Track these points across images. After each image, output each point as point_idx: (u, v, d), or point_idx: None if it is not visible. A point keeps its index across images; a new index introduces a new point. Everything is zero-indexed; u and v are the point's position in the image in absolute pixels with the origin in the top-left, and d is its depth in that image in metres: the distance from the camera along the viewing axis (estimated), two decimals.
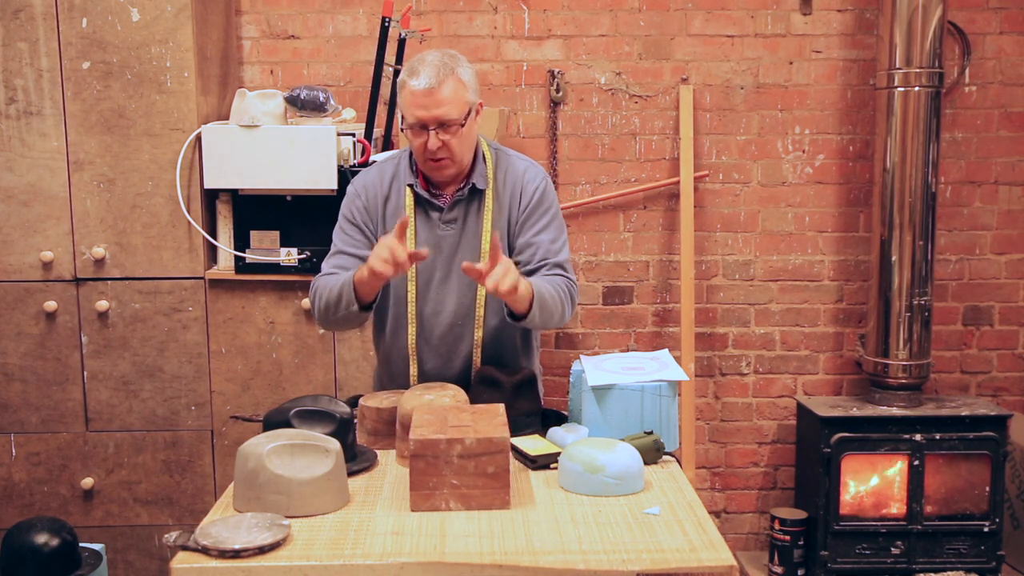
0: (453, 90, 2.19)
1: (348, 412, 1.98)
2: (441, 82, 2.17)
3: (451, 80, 2.19)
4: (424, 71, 2.18)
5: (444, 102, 2.18)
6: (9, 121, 3.00)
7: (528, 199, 2.34)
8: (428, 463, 1.76)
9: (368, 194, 2.37)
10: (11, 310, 3.07)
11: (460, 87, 2.20)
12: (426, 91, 2.17)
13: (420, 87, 2.17)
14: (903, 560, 3.29)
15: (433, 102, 2.17)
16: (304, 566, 1.55)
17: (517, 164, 2.39)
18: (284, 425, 1.92)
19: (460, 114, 2.21)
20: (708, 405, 3.66)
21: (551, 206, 2.37)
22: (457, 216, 2.32)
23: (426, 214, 2.33)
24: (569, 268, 2.34)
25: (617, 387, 2.14)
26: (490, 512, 1.76)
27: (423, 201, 2.33)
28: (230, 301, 3.09)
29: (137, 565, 3.16)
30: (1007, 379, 3.67)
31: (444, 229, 2.32)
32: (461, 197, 2.32)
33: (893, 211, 3.29)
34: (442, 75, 2.18)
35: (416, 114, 2.19)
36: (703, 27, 3.49)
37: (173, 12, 2.96)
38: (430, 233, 2.32)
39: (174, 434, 3.13)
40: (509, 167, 2.37)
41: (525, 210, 2.34)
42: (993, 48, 3.51)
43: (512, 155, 2.42)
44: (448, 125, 2.19)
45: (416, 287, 2.33)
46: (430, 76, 2.17)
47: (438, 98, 2.17)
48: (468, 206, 2.33)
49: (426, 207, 2.33)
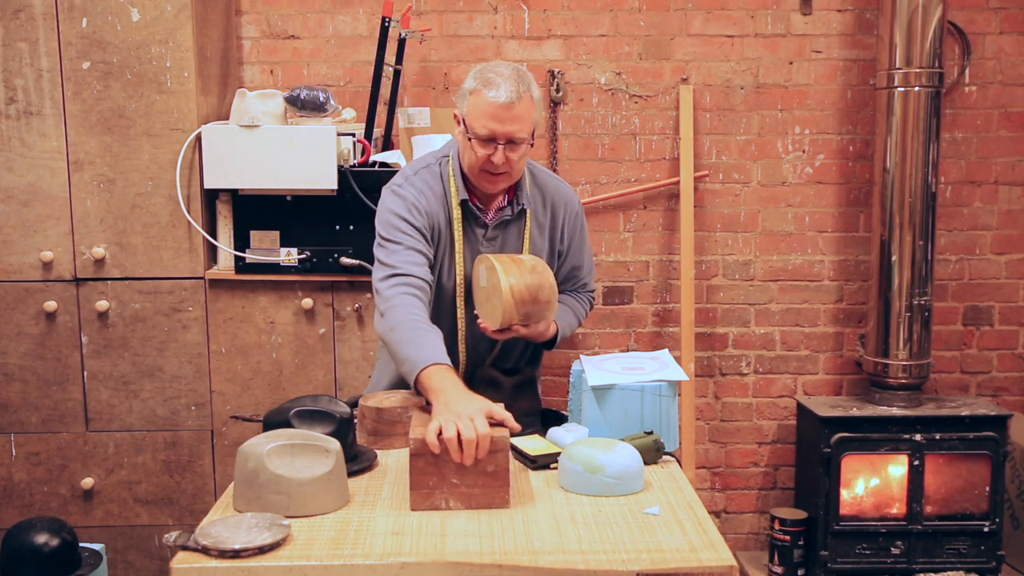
0: (527, 108, 2.16)
1: (348, 412, 1.98)
2: (520, 98, 2.14)
3: (527, 97, 2.16)
4: (504, 85, 2.13)
5: (519, 119, 2.15)
6: (9, 121, 3.00)
7: (572, 227, 2.42)
8: (428, 462, 1.76)
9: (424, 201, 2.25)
10: (11, 310, 3.07)
11: (533, 106, 2.19)
12: (506, 105, 2.13)
13: (500, 100, 2.13)
14: (903, 560, 3.29)
15: (510, 117, 2.14)
16: (304, 566, 1.55)
17: (550, 184, 2.41)
18: (284, 425, 1.92)
19: (529, 132, 2.19)
20: (708, 405, 3.66)
21: (586, 224, 2.49)
22: (499, 234, 2.32)
23: (472, 230, 2.30)
24: (593, 282, 2.56)
25: (617, 387, 2.14)
26: (490, 512, 1.76)
27: (469, 217, 2.30)
28: (230, 301, 3.09)
29: (137, 565, 3.16)
30: (1007, 379, 3.67)
31: (487, 246, 2.31)
32: (508, 217, 2.31)
33: (893, 211, 3.29)
34: (521, 91, 2.15)
35: (490, 127, 2.14)
36: (703, 27, 3.49)
37: (173, 12, 2.96)
38: (473, 247, 2.30)
39: (174, 434, 3.13)
40: (544, 186, 2.39)
41: (571, 238, 2.43)
42: (993, 48, 3.51)
43: (546, 174, 2.44)
44: (518, 142, 2.17)
45: (464, 301, 2.31)
46: (510, 91, 2.13)
47: (515, 114, 2.14)
48: (509, 224, 2.32)
49: (472, 223, 2.30)
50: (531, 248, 2.33)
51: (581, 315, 2.51)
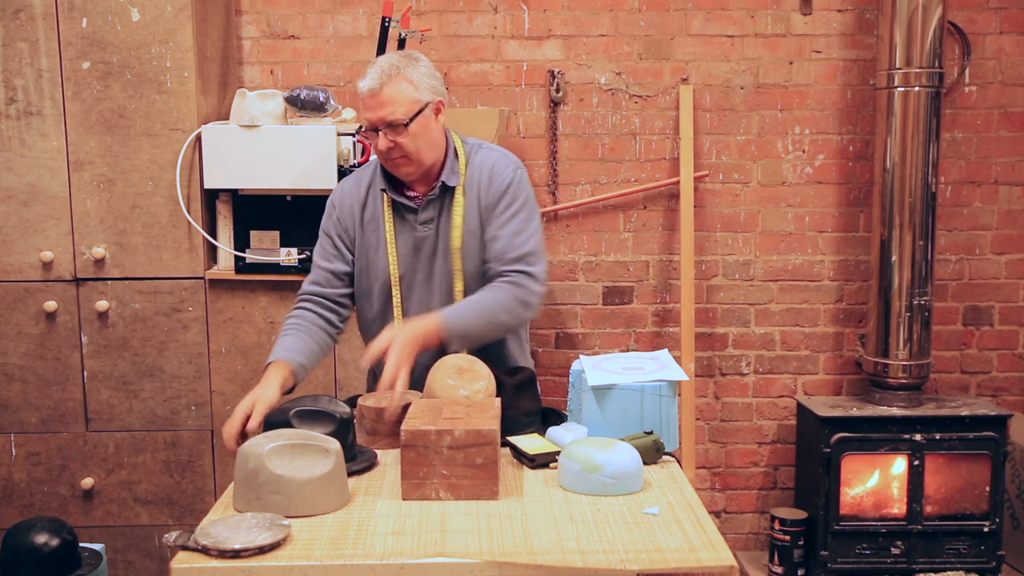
0: (398, 90, 2.20)
1: (348, 412, 1.98)
2: (383, 84, 2.20)
3: (396, 80, 2.20)
4: (371, 73, 2.22)
5: (388, 102, 2.20)
6: (9, 121, 3.00)
7: (496, 192, 2.31)
8: (419, 453, 1.80)
9: (343, 205, 2.39)
10: (11, 310, 3.07)
11: (406, 87, 2.21)
12: (370, 93, 2.21)
13: (364, 89, 2.22)
14: (903, 560, 3.29)
15: (377, 103, 2.20)
16: (304, 566, 1.55)
17: (488, 156, 2.36)
18: (284, 425, 1.92)
19: (406, 114, 2.21)
20: (708, 405, 3.66)
21: (518, 196, 2.32)
22: (432, 216, 2.32)
23: (403, 217, 2.33)
24: (535, 260, 2.29)
25: (617, 387, 2.14)
26: (489, 511, 1.77)
27: (398, 205, 2.33)
28: (230, 301, 3.09)
29: (137, 565, 3.16)
30: (1007, 379, 3.67)
31: (421, 230, 2.32)
32: (433, 196, 2.31)
33: (893, 211, 3.30)
34: (385, 76, 2.20)
35: (365, 116, 2.24)
36: (703, 27, 3.49)
37: (173, 12, 2.96)
38: (409, 235, 2.32)
39: (174, 434, 3.13)
40: (482, 161, 2.35)
41: (492, 202, 2.31)
42: (993, 48, 3.51)
43: (486, 148, 2.39)
44: (394, 125, 2.20)
45: (400, 291, 2.33)
46: (373, 78, 2.21)
47: (381, 99, 2.20)
48: (442, 204, 2.32)
49: (402, 210, 2.33)
50: (464, 224, 2.30)
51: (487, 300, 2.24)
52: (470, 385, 2.11)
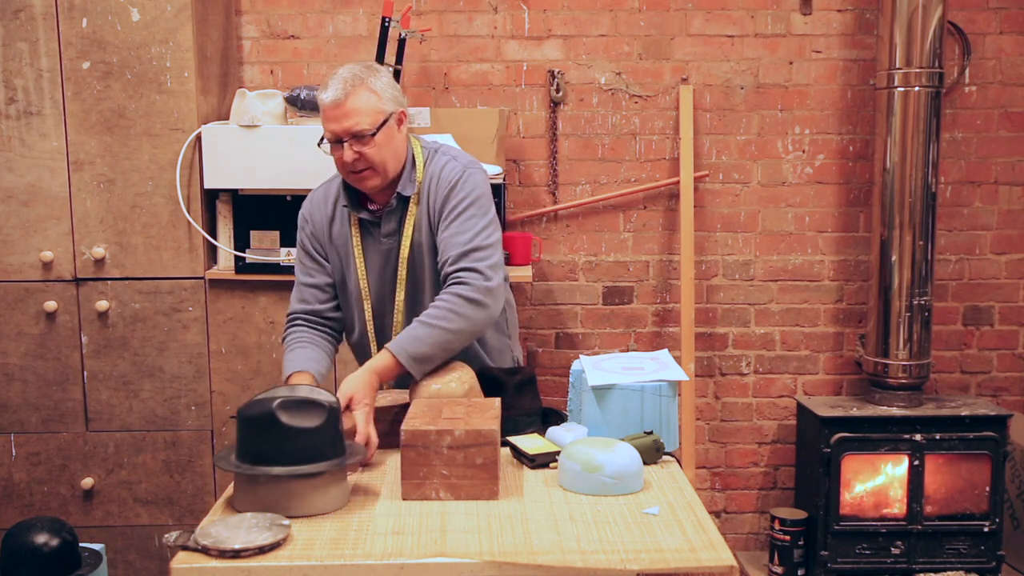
0: (362, 101, 2.16)
1: (335, 400, 1.89)
2: (348, 94, 2.15)
3: (360, 91, 2.16)
4: (332, 84, 2.16)
5: (352, 113, 2.15)
6: (9, 121, 3.00)
7: (442, 194, 2.25)
8: (419, 453, 1.80)
9: (314, 219, 2.36)
10: (11, 310, 3.07)
11: (370, 97, 2.17)
12: (333, 103, 2.16)
13: (327, 100, 2.16)
14: (903, 560, 3.29)
15: (341, 114, 2.15)
16: (304, 566, 1.55)
17: (439, 162, 2.30)
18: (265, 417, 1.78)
19: (372, 124, 2.17)
20: (708, 405, 3.66)
21: (467, 196, 2.24)
22: (394, 228, 2.28)
23: (369, 232, 2.30)
24: (481, 255, 2.18)
25: (617, 387, 2.14)
26: (489, 511, 1.77)
27: (363, 220, 2.30)
28: (230, 301, 3.09)
29: (137, 565, 3.16)
30: (1007, 379, 3.67)
31: (385, 243, 2.29)
32: (390, 208, 2.27)
33: (893, 211, 3.30)
34: (349, 87, 2.15)
35: (329, 127, 2.18)
36: (703, 27, 3.49)
37: (173, 12, 2.96)
38: (376, 249, 2.30)
39: (174, 434, 3.13)
40: (433, 167, 2.29)
41: (439, 207, 2.25)
42: (993, 48, 3.51)
43: (441, 153, 2.33)
44: (360, 136, 2.16)
45: (372, 306, 2.32)
46: (336, 89, 2.15)
47: (346, 110, 2.15)
48: (402, 215, 2.28)
49: (367, 225, 2.30)
50: (413, 232, 2.26)
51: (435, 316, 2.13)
52: (442, 378, 2.11)
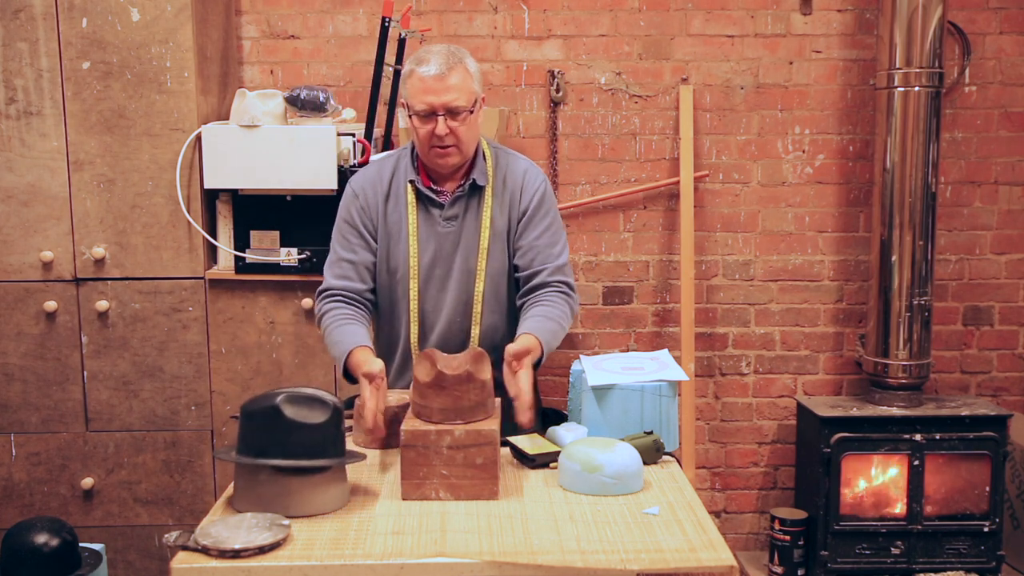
0: (462, 78, 2.22)
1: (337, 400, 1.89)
2: (451, 69, 2.21)
3: (460, 69, 2.22)
4: (433, 59, 2.21)
5: (453, 88, 2.21)
6: (9, 121, 3.00)
7: (528, 201, 2.35)
8: (419, 453, 1.80)
9: (367, 194, 2.37)
10: (11, 310, 3.07)
11: (468, 76, 2.24)
12: (437, 76, 2.20)
13: (430, 73, 2.20)
14: (903, 560, 3.29)
15: (443, 88, 2.20)
16: (304, 566, 1.55)
17: (517, 164, 2.40)
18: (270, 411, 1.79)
19: (468, 102, 2.23)
20: (708, 405, 3.66)
21: (550, 209, 2.38)
22: (457, 213, 2.33)
23: (427, 211, 2.34)
24: (568, 271, 2.36)
25: (617, 387, 2.14)
26: (489, 511, 1.77)
27: (424, 197, 2.33)
28: (230, 301, 3.09)
29: (137, 565, 3.16)
30: (1007, 379, 3.67)
31: (445, 226, 2.32)
32: (462, 193, 2.33)
33: (893, 211, 3.30)
34: (451, 63, 2.21)
35: (426, 100, 2.21)
36: (703, 27, 3.49)
37: (173, 12, 2.96)
38: (431, 230, 2.33)
39: (174, 434, 3.13)
40: (509, 166, 2.38)
41: (525, 213, 2.35)
42: (993, 48, 3.51)
43: (512, 155, 2.43)
44: (457, 112, 2.22)
45: (418, 285, 2.33)
46: (440, 63, 2.20)
47: (448, 84, 2.20)
48: (468, 203, 2.33)
49: (427, 204, 2.33)
50: (491, 225, 2.32)
51: (559, 316, 2.28)
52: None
